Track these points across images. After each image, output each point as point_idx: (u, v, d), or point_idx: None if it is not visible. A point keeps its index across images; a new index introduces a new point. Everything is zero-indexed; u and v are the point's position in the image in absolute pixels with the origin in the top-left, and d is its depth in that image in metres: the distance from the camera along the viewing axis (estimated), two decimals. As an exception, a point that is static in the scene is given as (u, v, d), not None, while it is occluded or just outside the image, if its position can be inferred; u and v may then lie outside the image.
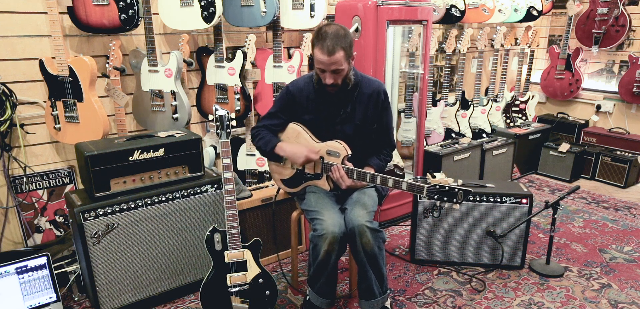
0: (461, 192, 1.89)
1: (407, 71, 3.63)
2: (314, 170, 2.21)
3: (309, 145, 2.19)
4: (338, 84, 2.08)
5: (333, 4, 3.27)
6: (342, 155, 2.12)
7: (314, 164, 2.20)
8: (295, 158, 2.17)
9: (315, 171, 2.21)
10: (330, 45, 1.96)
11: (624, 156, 4.05)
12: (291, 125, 2.27)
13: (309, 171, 2.24)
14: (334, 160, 2.14)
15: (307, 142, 2.21)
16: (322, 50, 1.97)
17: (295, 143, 2.24)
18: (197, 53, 2.93)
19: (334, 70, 2.02)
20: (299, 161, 2.17)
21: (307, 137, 2.22)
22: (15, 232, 2.63)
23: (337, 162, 2.12)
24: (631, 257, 2.88)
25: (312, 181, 2.25)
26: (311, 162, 2.20)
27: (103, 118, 2.52)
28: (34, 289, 2.24)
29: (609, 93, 4.49)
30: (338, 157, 2.13)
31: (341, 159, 2.12)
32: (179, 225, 2.36)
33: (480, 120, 4.26)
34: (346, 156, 2.12)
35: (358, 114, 2.20)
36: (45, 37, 2.49)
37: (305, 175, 2.26)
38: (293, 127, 2.26)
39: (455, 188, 1.89)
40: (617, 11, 4.16)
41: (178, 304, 2.42)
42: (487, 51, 4.38)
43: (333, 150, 2.14)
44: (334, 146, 2.14)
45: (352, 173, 2.09)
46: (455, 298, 2.47)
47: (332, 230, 2.00)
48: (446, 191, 1.90)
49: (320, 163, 2.18)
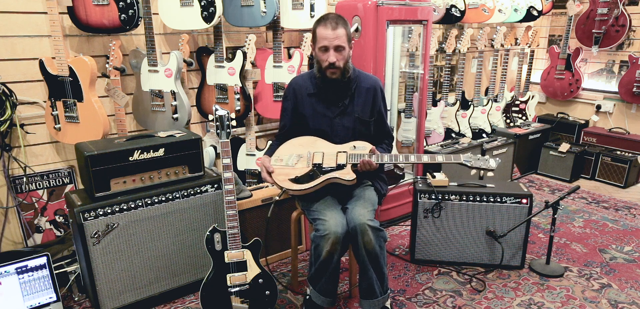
0: (489, 158, 2.11)
1: (407, 71, 3.63)
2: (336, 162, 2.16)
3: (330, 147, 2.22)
4: (340, 67, 2.12)
5: (333, 4, 3.27)
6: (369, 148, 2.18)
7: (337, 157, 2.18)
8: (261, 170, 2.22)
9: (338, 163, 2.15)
10: (334, 22, 2.07)
11: (624, 156, 4.05)
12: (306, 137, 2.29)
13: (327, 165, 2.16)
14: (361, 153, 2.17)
15: (324, 144, 2.24)
16: (326, 26, 2.06)
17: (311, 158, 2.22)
18: (197, 54, 2.93)
19: (337, 46, 2.07)
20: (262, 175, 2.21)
21: (323, 142, 2.24)
22: (15, 232, 2.63)
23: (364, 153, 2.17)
24: (631, 257, 2.88)
25: (332, 173, 2.14)
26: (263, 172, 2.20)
27: (103, 118, 2.52)
28: (34, 289, 2.24)
29: (609, 93, 4.49)
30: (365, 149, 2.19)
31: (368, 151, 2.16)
32: (179, 225, 2.36)
33: (480, 120, 4.26)
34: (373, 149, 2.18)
35: (357, 107, 2.24)
36: (45, 37, 2.49)
37: (323, 169, 2.15)
38: (308, 137, 2.28)
39: (487, 156, 2.11)
40: (617, 11, 4.16)
41: (178, 304, 2.42)
42: (487, 51, 4.38)
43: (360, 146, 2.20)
44: (360, 144, 2.20)
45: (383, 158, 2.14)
46: (455, 298, 2.47)
47: (335, 230, 2.01)
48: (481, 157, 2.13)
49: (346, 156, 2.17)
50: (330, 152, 2.19)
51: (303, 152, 2.23)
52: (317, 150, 2.21)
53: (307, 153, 2.22)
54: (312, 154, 2.20)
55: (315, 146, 2.23)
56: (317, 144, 2.24)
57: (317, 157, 2.19)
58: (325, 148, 2.22)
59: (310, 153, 2.21)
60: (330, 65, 2.10)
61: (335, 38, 2.07)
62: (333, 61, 2.08)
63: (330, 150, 2.20)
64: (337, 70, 2.12)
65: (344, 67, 2.14)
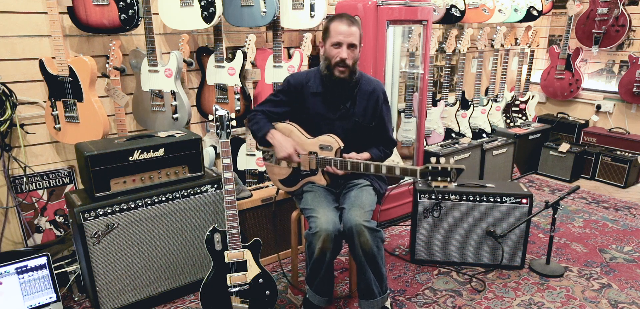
0: (454, 170, 1.93)
1: (407, 71, 3.63)
2: (309, 166, 2.22)
3: (301, 142, 2.21)
4: (349, 66, 2.11)
5: (333, 4, 3.27)
6: (335, 148, 2.14)
7: (309, 160, 2.20)
8: (280, 148, 2.20)
9: (311, 168, 2.22)
10: (350, 20, 2.10)
11: (624, 156, 4.05)
12: (282, 124, 2.29)
13: (305, 169, 2.25)
14: (327, 154, 2.16)
15: (299, 138, 2.23)
16: (342, 22, 2.09)
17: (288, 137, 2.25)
18: (197, 54, 2.93)
19: (350, 43, 2.09)
20: (280, 154, 2.20)
21: (299, 135, 2.24)
22: (15, 232, 2.63)
23: (330, 155, 2.14)
24: (631, 257, 2.88)
25: (308, 178, 2.26)
26: (292, 161, 2.21)
27: (103, 118, 2.52)
28: (34, 289, 2.24)
29: (609, 93, 4.49)
30: (331, 151, 2.15)
31: (334, 152, 2.14)
32: (179, 225, 2.36)
33: (480, 120, 4.26)
34: (339, 149, 2.14)
35: (358, 111, 2.23)
36: (45, 37, 2.49)
37: (302, 172, 2.27)
38: (285, 125, 2.28)
39: (448, 167, 1.94)
40: (617, 11, 4.16)
41: (178, 304, 2.42)
42: (487, 51, 4.38)
43: (325, 144, 2.16)
44: (326, 140, 2.17)
45: (346, 164, 2.11)
46: (455, 298, 2.47)
47: (326, 227, 2.00)
48: (439, 171, 1.94)
49: (315, 159, 2.18)
50: (304, 151, 2.22)
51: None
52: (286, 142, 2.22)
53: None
54: None
55: (291, 136, 2.25)
56: (293, 136, 2.25)
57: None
58: (299, 141, 2.23)
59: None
60: (341, 61, 2.08)
61: (350, 34, 2.07)
62: (345, 57, 2.08)
63: (304, 148, 2.22)
64: (347, 68, 2.11)
65: (352, 67, 2.13)
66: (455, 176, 1.94)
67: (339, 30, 2.08)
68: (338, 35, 2.08)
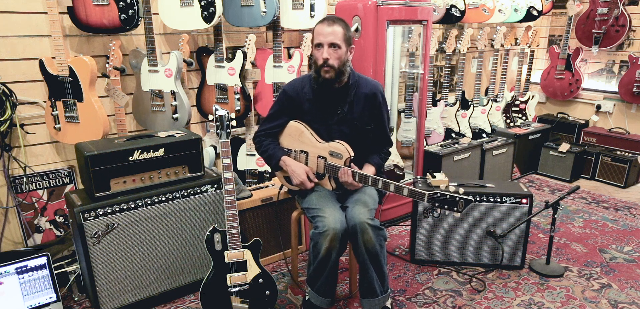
0: (462, 201, 1.87)
1: (407, 71, 3.63)
2: (316, 169, 2.21)
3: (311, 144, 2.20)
4: (333, 66, 2.07)
5: (333, 4, 3.27)
6: (345, 157, 2.11)
7: (317, 163, 2.20)
8: (293, 176, 2.21)
9: (318, 171, 2.21)
10: (331, 20, 2.09)
11: (624, 157, 4.05)
12: (293, 123, 2.26)
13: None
14: (336, 162, 2.13)
15: (309, 139, 2.21)
16: (323, 23, 2.10)
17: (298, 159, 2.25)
18: (197, 54, 2.93)
19: (332, 43, 2.05)
20: (295, 182, 2.21)
21: (309, 136, 2.22)
22: (15, 232, 2.63)
23: (340, 163, 2.12)
24: (631, 257, 2.88)
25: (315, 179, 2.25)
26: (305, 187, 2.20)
27: (103, 118, 2.52)
28: (34, 289, 2.24)
29: (609, 93, 4.49)
30: (341, 159, 2.12)
31: (344, 161, 2.12)
32: (179, 225, 2.36)
33: (480, 120, 4.26)
34: (349, 159, 2.12)
35: (356, 113, 2.21)
36: (45, 37, 2.49)
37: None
38: (296, 125, 2.26)
39: (457, 197, 1.87)
40: (617, 11, 4.16)
41: (178, 304, 2.42)
42: (487, 51, 4.38)
43: (336, 151, 2.14)
44: (337, 147, 2.14)
45: (355, 175, 2.10)
46: (455, 298, 2.47)
47: (334, 226, 2.00)
48: (447, 199, 1.89)
49: (324, 164, 2.18)
50: (313, 154, 2.21)
51: (292, 147, 2.26)
52: (302, 148, 2.22)
53: (293, 152, 2.25)
54: (299, 153, 2.23)
55: (301, 140, 2.24)
56: (303, 138, 2.23)
57: (302, 158, 2.23)
58: (310, 146, 2.22)
59: (296, 152, 2.24)
60: (323, 62, 2.05)
61: (330, 34, 2.04)
62: (326, 57, 2.04)
63: (313, 151, 2.21)
64: (331, 68, 2.07)
65: (338, 68, 2.08)
66: (462, 207, 1.87)
67: (319, 31, 2.07)
68: (319, 36, 2.07)
